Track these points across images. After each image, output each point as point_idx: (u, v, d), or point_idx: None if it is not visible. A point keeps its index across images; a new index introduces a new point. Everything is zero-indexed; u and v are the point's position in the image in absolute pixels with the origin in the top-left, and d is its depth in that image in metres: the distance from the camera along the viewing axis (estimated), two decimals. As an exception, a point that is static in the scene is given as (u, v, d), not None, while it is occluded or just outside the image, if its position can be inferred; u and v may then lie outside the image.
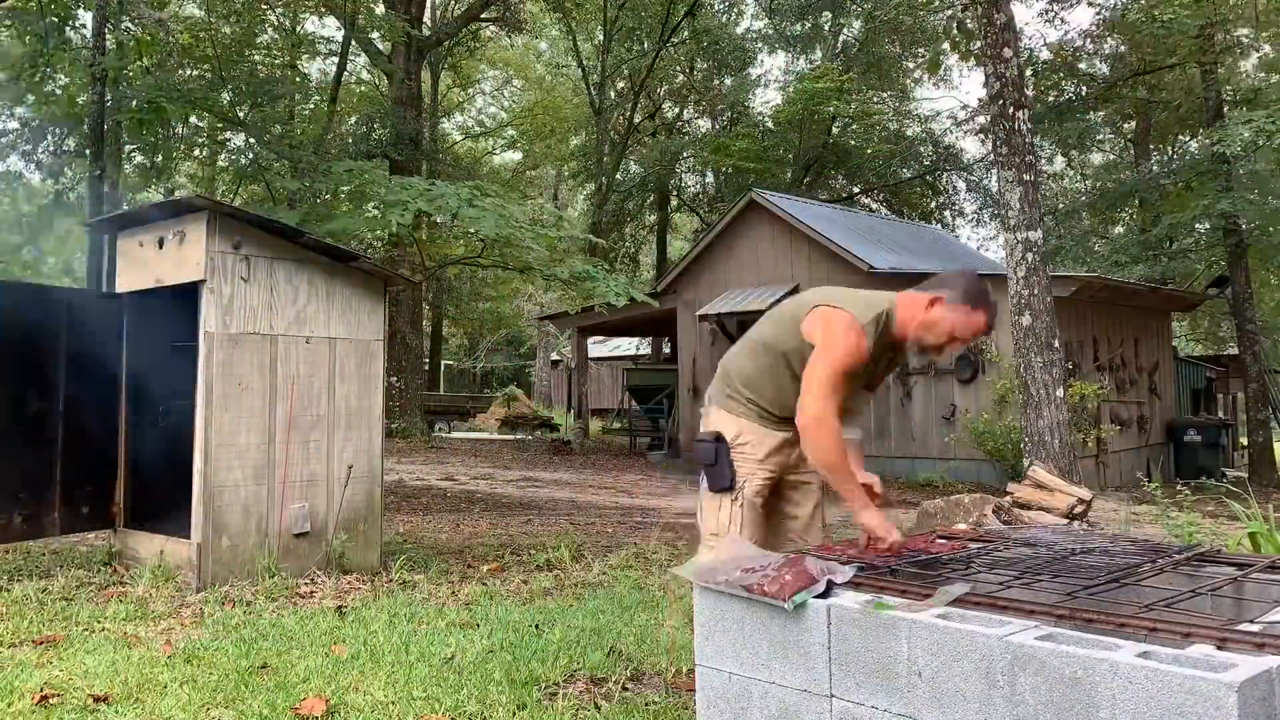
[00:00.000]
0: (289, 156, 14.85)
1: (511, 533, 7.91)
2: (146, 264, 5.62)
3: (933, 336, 2.86)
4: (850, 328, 2.78)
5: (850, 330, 2.78)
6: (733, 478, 2.94)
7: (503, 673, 3.57)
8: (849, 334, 2.77)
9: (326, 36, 24.59)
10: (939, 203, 30.10)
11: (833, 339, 2.78)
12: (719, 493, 2.96)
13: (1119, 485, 13.39)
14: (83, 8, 14.85)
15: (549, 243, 9.86)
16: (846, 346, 2.77)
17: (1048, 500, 5.02)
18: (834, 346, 2.77)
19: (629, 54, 26.56)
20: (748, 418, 2.99)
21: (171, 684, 3.40)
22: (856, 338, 2.78)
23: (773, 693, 2.27)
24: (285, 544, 5.41)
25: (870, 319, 2.82)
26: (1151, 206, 21.22)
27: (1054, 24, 22.82)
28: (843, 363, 2.77)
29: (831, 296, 2.91)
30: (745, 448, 2.96)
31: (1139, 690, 1.67)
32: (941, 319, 2.84)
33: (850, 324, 2.79)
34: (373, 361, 5.89)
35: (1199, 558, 2.69)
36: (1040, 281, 8.56)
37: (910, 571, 2.48)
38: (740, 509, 2.93)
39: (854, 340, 2.77)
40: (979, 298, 2.84)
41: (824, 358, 2.78)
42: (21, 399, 5.37)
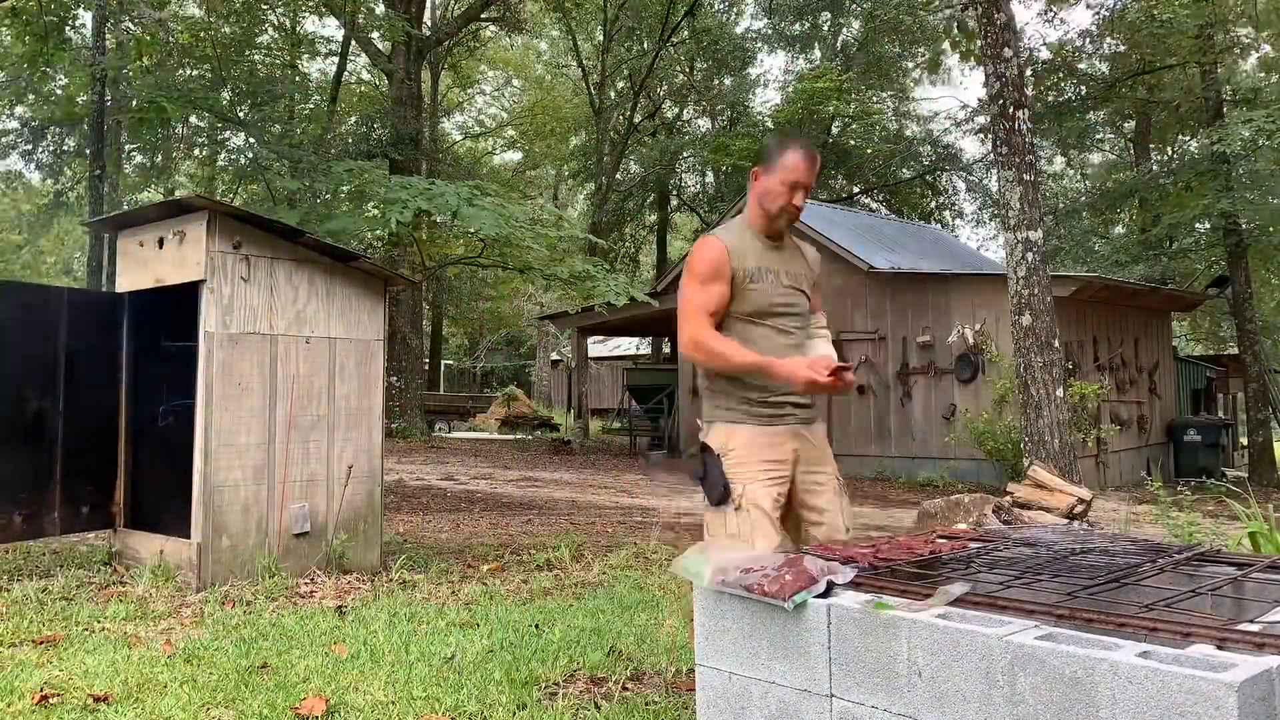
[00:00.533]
0: (289, 156, 14.84)
1: (511, 532, 7.91)
2: (146, 264, 5.62)
3: (773, 201, 2.91)
4: (703, 242, 2.93)
5: (702, 244, 2.92)
6: (726, 488, 2.80)
7: (503, 672, 3.57)
8: (702, 248, 2.90)
9: (326, 36, 24.59)
10: (939, 203, 30.11)
11: (691, 261, 2.94)
12: (717, 506, 2.83)
13: (1119, 485, 13.39)
14: (83, 7, 14.85)
15: (549, 242, 9.86)
16: (700, 259, 2.88)
17: (1048, 500, 5.02)
18: (691, 264, 2.92)
19: (629, 54, 26.57)
20: (733, 419, 2.88)
21: (171, 684, 3.40)
22: (707, 246, 2.89)
23: (773, 692, 2.27)
24: (285, 544, 5.41)
25: (727, 229, 2.96)
26: (1151, 206, 21.23)
27: (1054, 24, 22.77)
28: (699, 275, 2.86)
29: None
30: (737, 452, 2.84)
31: (1139, 690, 1.67)
32: (768, 184, 2.91)
33: (703, 240, 2.94)
34: (373, 361, 5.89)
35: (1199, 557, 2.69)
36: (1040, 281, 8.56)
37: (910, 571, 2.48)
38: (746, 516, 2.77)
39: (703, 248, 2.89)
40: (780, 146, 2.93)
41: (685, 279, 2.91)
42: (21, 399, 5.37)
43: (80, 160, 19.42)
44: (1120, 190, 22.32)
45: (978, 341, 13.64)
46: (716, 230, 3.02)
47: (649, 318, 18.23)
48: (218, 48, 16.13)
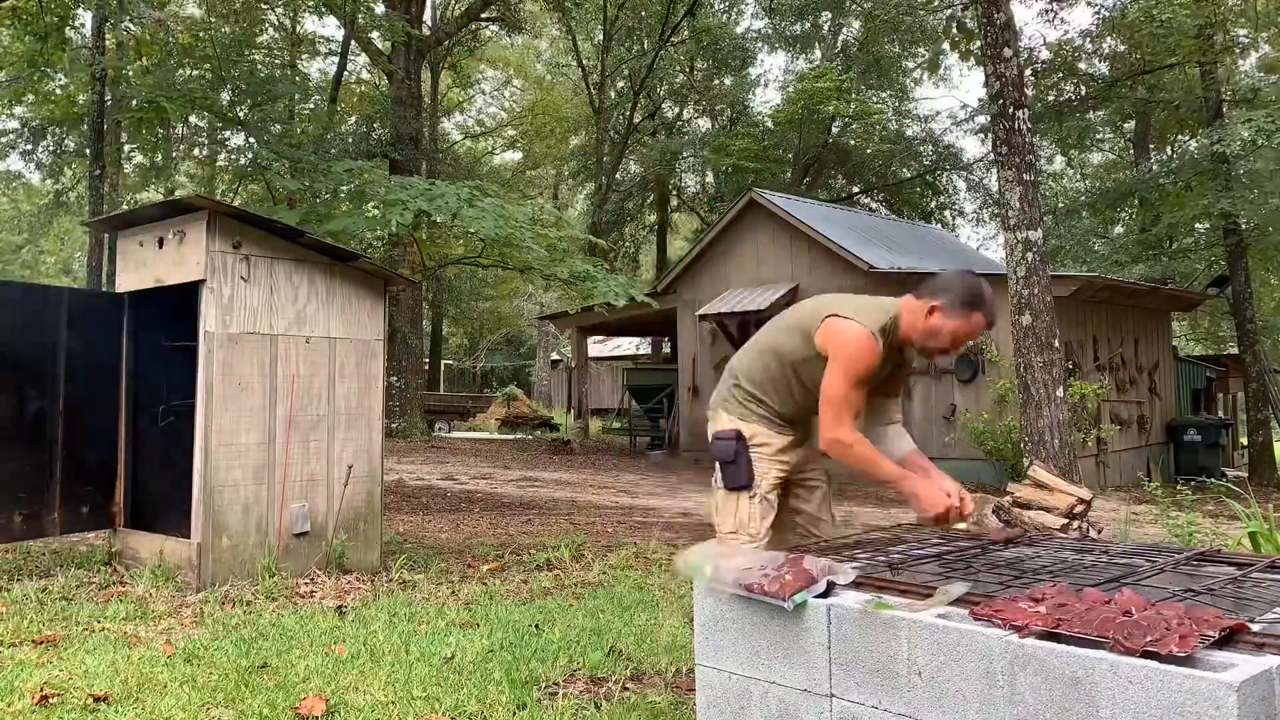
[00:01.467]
0: (289, 156, 14.84)
1: (511, 532, 7.91)
2: (146, 264, 5.62)
3: (936, 342, 2.92)
4: (863, 338, 2.83)
5: (862, 341, 2.83)
6: (751, 475, 3.02)
7: (503, 672, 3.57)
8: (862, 346, 2.83)
9: (326, 36, 24.60)
10: (939, 202, 30.10)
11: (846, 353, 2.84)
12: (735, 490, 3.04)
13: (1119, 485, 13.39)
14: (83, 7, 14.85)
15: (549, 242, 9.85)
16: (861, 358, 2.83)
17: (1048, 500, 5.02)
18: (848, 360, 2.83)
19: (629, 53, 26.56)
20: (758, 423, 3.06)
21: (171, 684, 3.40)
22: (870, 348, 2.83)
23: (773, 692, 2.27)
24: (285, 544, 5.41)
25: (879, 328, 2.86)
26: (1151, 206, 21.22)
27: (1054, 24, 22.82)
28: (858, 374, 2.84)
29: (843, 306, 2.95)
30: (760, 448, 3.05)
31: (1139, 690, 1.67)
32: (942, 326, 2.88)
33: (862, 335, 2.83)
34: (373, 361, 5.89)
35: (1199, 557, 2.69)
36: (1040, 281, 8.56)
37: (910, 571, 2.48)
38: (758, 505, 3.02)
39: (868, 350, 2.83)
40: (974, 300, 2.87)
41: (838, 372, 2.84)
42: (21, 399, 5.37)
43: (80, 160, 19.43)
44: (1120, 190, 22.30)
45: (978, 341, 13.63)
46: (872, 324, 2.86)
47: (649, 318, 18.23)
48: (218, 47, 16.13)
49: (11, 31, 15.33)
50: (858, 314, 2.89)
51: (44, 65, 15.30)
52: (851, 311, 2.90)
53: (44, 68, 15.46)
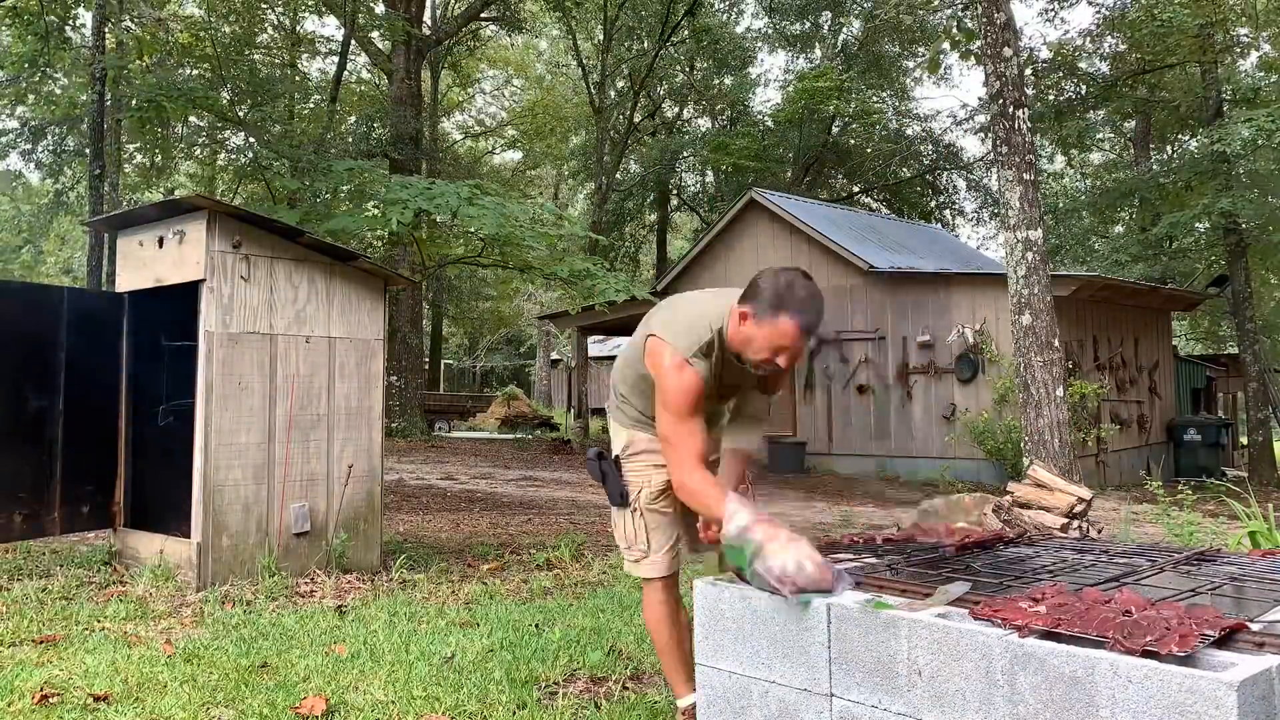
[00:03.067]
0: (289, 155, 14.84)
1: (511, 532, 7.91)
2: (146, 263, 5.62)
3: (754, 354, 2.56)
4: (675, 367, 2.59)
5: (673, 369, 2.59)
6: (623, 491, 2.87)
7: (503, 672, 3.57)
8: (675, 375, 2.59)
9: (326, 36, 24.60)
10: (939, 202, 30.11)
11: (663, 385, 2.62)
12: (620, 507, 2.91)
13: (1119, 484, 13.39)
14: (83, 7, 14.85)
15: (549, 241, 9.85)
16: (679, 391, 2.58)
17: (1048, 500, 5.02)
18: (666, 393, 2.61)
19: (629, 53, 26.55)
20: (636, 427, 2.91)
21: (172, 683, 3.40)
22: (682, 378, 2.58)
23: (773, 692, 2.28)
24: (285, 543, 5.41)
25: (695, 349, 2.61)
26: (1151, 205, 21.23)
27: (1054, 23, 22.83)
28: (681, 406, 2.58)
29: (665, 321, 2.71)
30: (638, 456, 2.88)
31: (1139, 689, 1.67)
32: (754, 335, 2.54)
33: (674, 362, 2.59)
34: (373, 361, 5.89)
35: (1199, 557, 2.69)
36: (1040, 281, 8.56)
37: (910, 571, 2.48)
38: (641, 519, 2.86)
39: (681, 381, 2.58)
40: (780, 302, 2.49)
41: (663, 408, 2.62)
42: (21, 399, 5.37)
43: (80, 160, 19.42)
44: (1120, 189, 22.31)
45: (978, 341, 13.64)
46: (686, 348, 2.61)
47: (649, 317, 18.21)
48: (217, 47, 16.13)
49: (12, 31, 15.33)
50: (675, 334, 2.63)
51: (44, 65, 15.30)
52: (670, 331, 2.65)
53: (44, 68, 15.46)
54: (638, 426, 2.90)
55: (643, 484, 2.87)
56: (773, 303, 2.49)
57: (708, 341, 2.62)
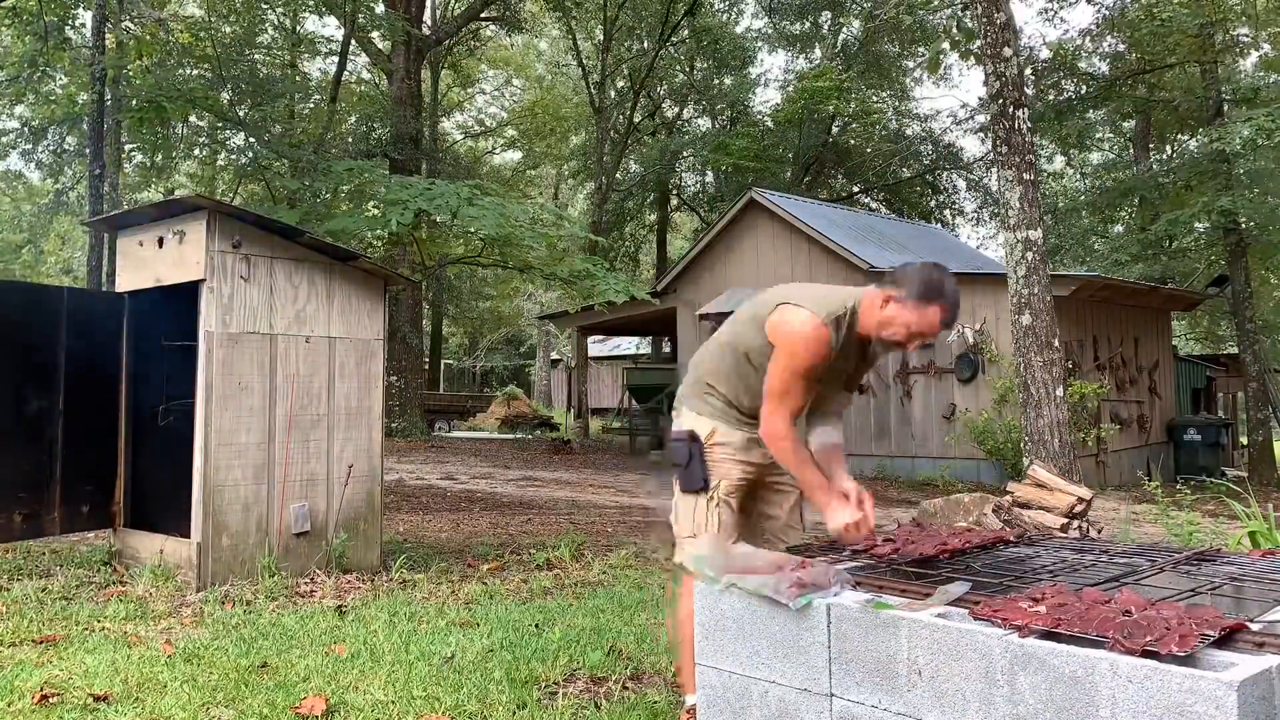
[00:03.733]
0: (289, 156, 14.84)
1: (511, 532, 7.91)
2: (146, 263, 5.62)
3: (890, 334, 2.74)
4: (811, 326, 2.72)
5: (810, 328, 2.72)
6: (706, 478, 2.91)
7: (503, 672, 3.57)
8: (809, 333, 2.72)
9: (327, 36, 24.58)
10: (939, 202, 30.10)
11: (792, 341, 2.74)
12: (693, 493, 2.93)
13: (1119, 484, 13.39)
14: (82, 7, 14.84)
15: (549, 241, 9.86)
16: (807, 347, 2.72)
17: (1048, 499, 5.02)
18: (793, 349, 2.73)
19: (629, 53, 26.55)
20: (719, 418, 2.96)
21: (171, 683, 3.40)
22: (817, 337, 2.72)
23: (773, 692, 2.28)
24: (285, 543, 5.41)
25: (832, 317, 2.75)
26: (1151, 205, 21.22)
27: (1054, 23, 22.84)
28: (804, 364, 2.73)
29: (794, 294, 2.84)
30: (719, 448, 2.94)
31: (1139, 689, 1.67)
32: (896, 317, 2.71)
33: (811, 322, 2.72)
34: (373, 360, 5.89)
35: (1199, 557, 2.69)
36: (1040, 280, 8.56)
37: (910, 571, 2.48)
38: (716, 509, 2.91)
39: (814, 340, 2.72)
40: (931, 292, 2.68)
41: (782, 361, 2.75)
42: (21, 399, 5.37)
43: (80, 160, 19.42)
44: (1120, 189, 22.30)
45: (978, 341, 13.64)
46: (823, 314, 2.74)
47: (649, 317, 18.24)
48: (217, 47, 16.12)
49: (12, 31, 15.33)
50: (811, 302, 2.78)
51: (44, 65, 15.29)
52: (806, 300, 2.79)
53: (44, 68, 15.45)
54: (722, 418, 2.95)
55: (724, 475, 2.92)
56: (924, 291, 2.67)
57: (839, 315, 2.76)
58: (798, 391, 2.75)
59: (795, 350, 2.73)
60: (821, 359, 2.74)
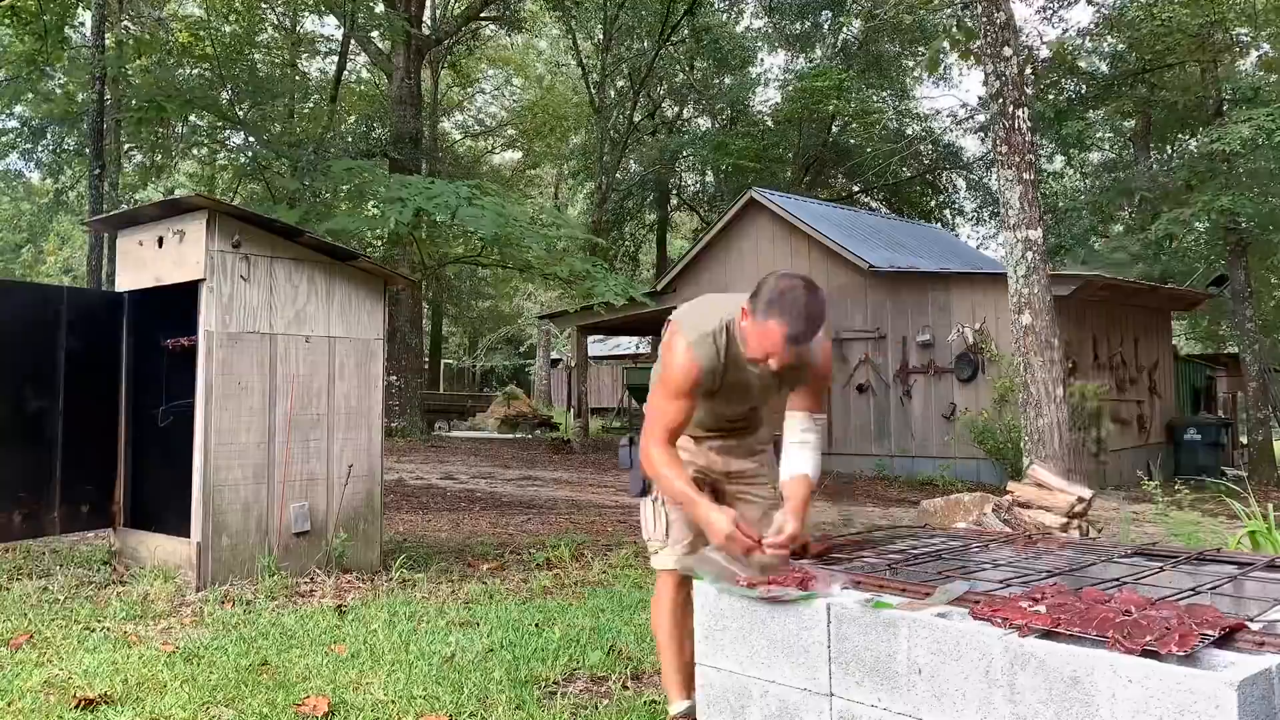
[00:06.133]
0: (289, 155, 14.84)
1: (511, 531, 7.91)
2: (146, 263, 5.62)
3: (749, 352, 2.53)
4: (678, 347, 2.67)
5: (677, 350, 2.67)
6: (646, 480, 2.91)
7: (503, 671, 3.57)
8: (674, 356, 2.67)
9: (326, 35, 24.58)
10: (939, 201, 30.11)
11: (664, 362, 2.73)
12: (641, 496, 2.97)
13: (1119, 484, 13.39)
14: (82, 7, 14.84)
15: (549, 241, 9.86)
16: (670, 368, 2.68)
17: (1048, 499, 5.02)
18: (661, 370, 2.74)
19: (629, 52, 26.53)
20: None
21: (171, 683, 3.40)
22: (683, 358, 2.65)
23: (772, 691, 2.28)
24: (285, 543, 5.41)
25: (700, 333, 2.66)
26: (1151, 205, 21.21)
27: (1053, 22, 22.81)
28: (668, 381, 2.67)
29: (682, 312, 2.80)
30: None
31: (1139, 689, 1.67)
32: (748, 333, 2.51)
33: (680, 343, 2.67)
34: (372, 360, 5.89)
35: (1199, 557, 2.69)
36: (1040, 280, 8.55)
37: (910, 570, 2.48)
38: (663, 508, 2.92)
39: (678, 357, 2.66)
40: (770, 304, 2.44)
41: (655, 384, 2.76)
42: (21, 398, 5.37)
43: (80, 160, 19.42)
44: (1120, 189, 22.29)
45: (977, 340, 13.64)
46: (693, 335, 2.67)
47: (649, 317, 18.21)
48: (217, 47, 16.12)
49: (11, 31, 15.32)
50: (688, 321, 2.73)
51: (44, 64, 15.29)
52: (685, 318, 2.74)
53: (44, 67, 15.45)
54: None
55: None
56: (766, 305, 2.46)
57: (713, 331, 2.68)
58: (673, 409, 2.67)
59: (662, 373, 2.71)
60: (688, 375, 2.65)
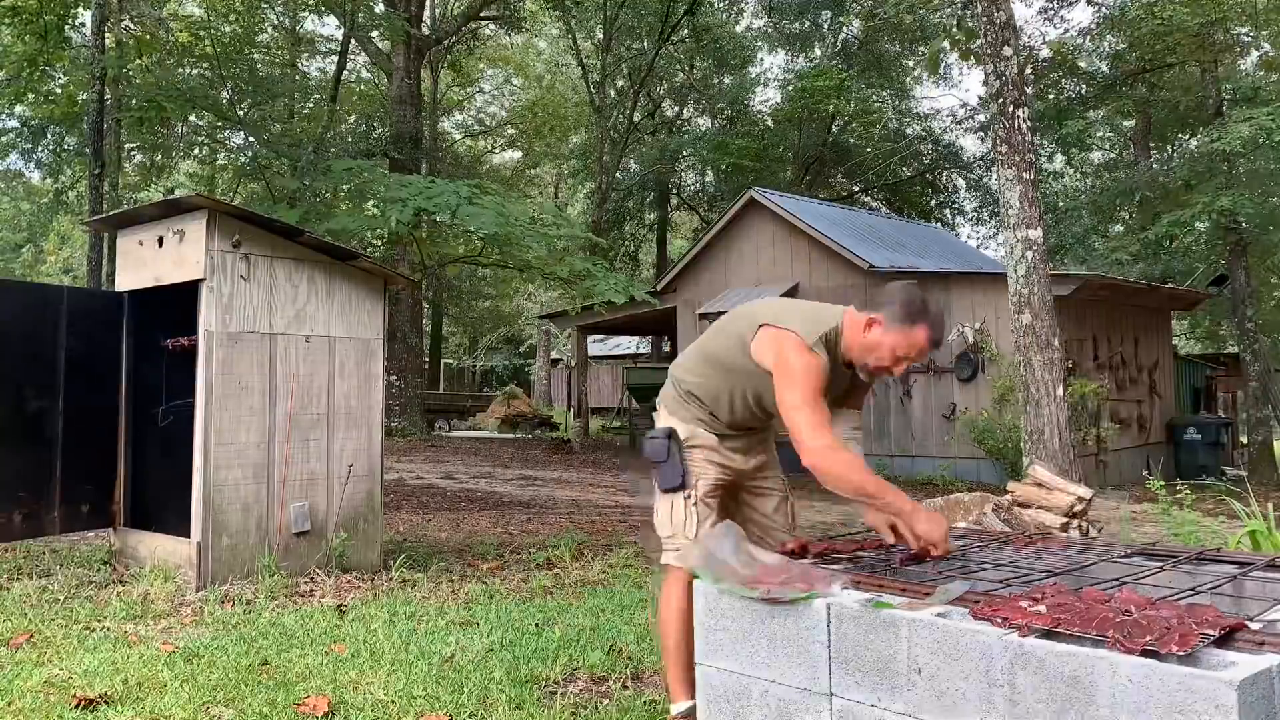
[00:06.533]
0: (289, 155, 14.84)
1: (511, 531, 7.91)
2: (146, 263, 5.62)
3: (875, 359, 2.71)
4: (799, 349, 2.67)
5: (801, 351, 2.67)
6: (685, 475, 2.87)
7: (503, 671, 3.57)
8: (802, 356, 2.66)
9: (326, 35, 24.58)
10: (939, 201, 30.10)
11: (789, 366, 2.67)
12: (671, 492, 2.90)
13: (1119, 484, 13.39)
14: (82, 6, 14.83)
15: (549, 241, 9.85)
16: (806, 370, 2.65)
17: (1048, 499, 5.02)
18: (793, 374, 2.66)
19: (629, 52, 26.53)
20: (697, 424, 2.94)
21: (171, 682, 3.40)
22: (809, 357, 2.66)
23: (773, 691, 2.28)
24: (285, 543, 5.41)
25: (817, 337, 2.70)
26: (1151, 204, 21.21)
27: (1054, 22, 22.77)
28: (811, 386, 2.65)
29: (778, 314, 2.80)
30: (697, 449, 2.92)
31: (1138, 689, 1.67)
32: (881, 342, 2.68)
33: (798, 345, 2.67)
34: (372, 360, 5.89)
35: (1199, 557, 2.69)
36: (1040, 280, 8.56)
37: (910, 570, 2.48)
38: (694, 507, 2.87)
39: (809, 359, 2.66)
40: (915, 314, 2.66)
41: (791, 388, 2.65)
42: (21, 398, 5.37)
43: (80, 159, 19.41)
44: (1120, 189, 22.30)
45: (978, 340, 13.64)
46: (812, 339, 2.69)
47: (649, 317, 18.23)
48: (217, 46, 16.11)
49: (12, 31, 15.31)
50: (792, 322, 2.73)
51: (44, 65, 15.29)
52: (788, 321, 2.74)
53: (44, 67, 15.44)
54: (700, 425, 2.94)
55: (700, 474, 2.90)
56: (908, 314, 2.65)
57: (826, 335, 2.72)
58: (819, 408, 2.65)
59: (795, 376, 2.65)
60: (821, 376, 2.68)
